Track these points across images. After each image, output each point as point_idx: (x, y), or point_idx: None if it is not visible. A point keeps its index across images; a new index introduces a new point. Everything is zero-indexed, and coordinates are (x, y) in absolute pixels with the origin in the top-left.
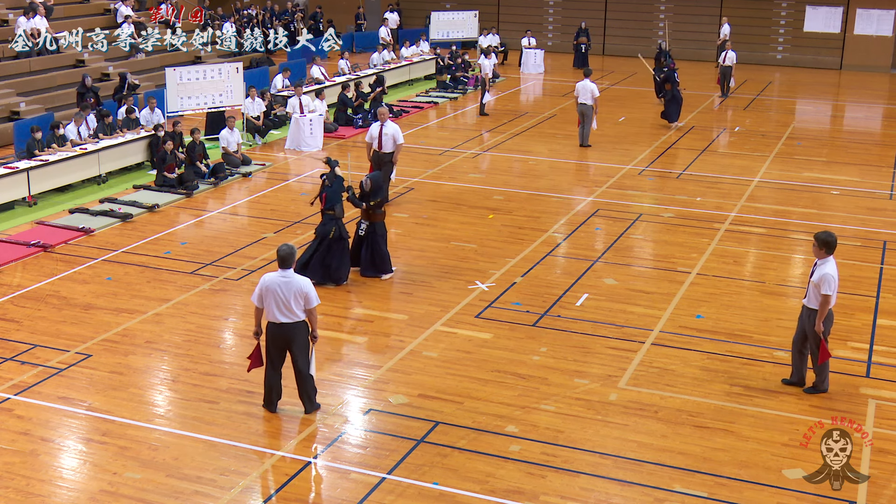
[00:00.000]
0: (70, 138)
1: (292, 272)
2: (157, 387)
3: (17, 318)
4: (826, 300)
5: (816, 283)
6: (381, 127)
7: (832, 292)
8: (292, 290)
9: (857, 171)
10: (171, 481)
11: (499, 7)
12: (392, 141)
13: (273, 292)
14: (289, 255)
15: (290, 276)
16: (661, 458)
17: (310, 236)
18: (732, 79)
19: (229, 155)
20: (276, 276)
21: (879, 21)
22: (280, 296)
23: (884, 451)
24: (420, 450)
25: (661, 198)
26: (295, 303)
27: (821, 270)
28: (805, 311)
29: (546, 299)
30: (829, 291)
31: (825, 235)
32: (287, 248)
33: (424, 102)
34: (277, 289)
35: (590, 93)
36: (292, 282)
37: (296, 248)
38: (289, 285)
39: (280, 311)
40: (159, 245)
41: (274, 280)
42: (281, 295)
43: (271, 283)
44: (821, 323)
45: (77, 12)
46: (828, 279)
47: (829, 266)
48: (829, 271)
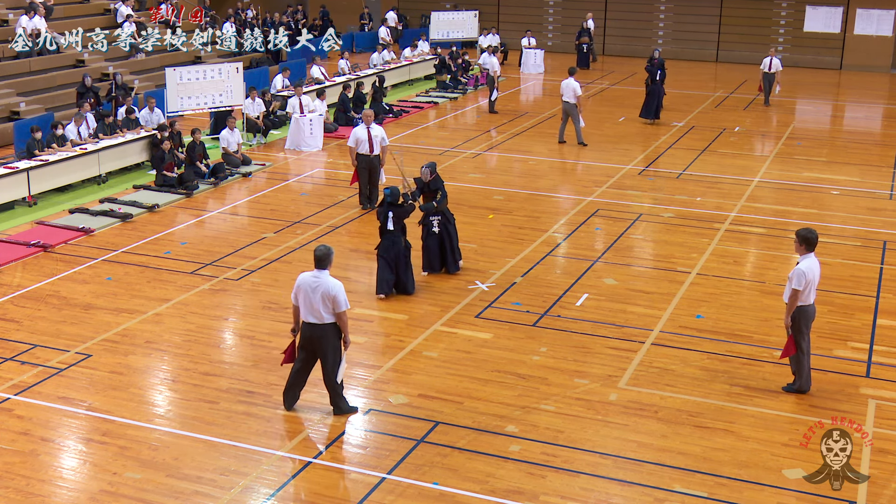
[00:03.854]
0: (70, 138)
1: (325, 273)
2: (157, 387)
3: (17, 318)
4: (795, 294)
5: (791, 276)
6: (368, 129)
7: (801, 287)
8: (320, 292)
9: (857, 171)
10: (171, 481)
11: (499, 7)
12: (380, 143)
13: (304, 292)
14: (324, 255)
15: (321, 278)
16: (661, 458)
17: (310, 236)
18: (778, 85)
19: (229, 155)
20: (309, 275)
21: (879, 21)
22: (309, 297)
23: (884, 451)
24: (420, 450)
25: (661, 198)
26: (322, 305)
27: (796, 266)
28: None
29: (546, 299)
30: (798, 286)
31: (805, 232)
32: (323, 248)
33: (424, 102)
34: (308, 289)
35: (572, 91)
36: (321, 283)
37: (332, 249)
38: (317, 287)
39: (309, 312)
40: (159, 245)
41: (306, 280)
42: (310, 296)
43: (303, 282)
44: (788, 317)
45: (77, 12)
46: (798, 273)
47: (806, 263)
48: (801, 267)
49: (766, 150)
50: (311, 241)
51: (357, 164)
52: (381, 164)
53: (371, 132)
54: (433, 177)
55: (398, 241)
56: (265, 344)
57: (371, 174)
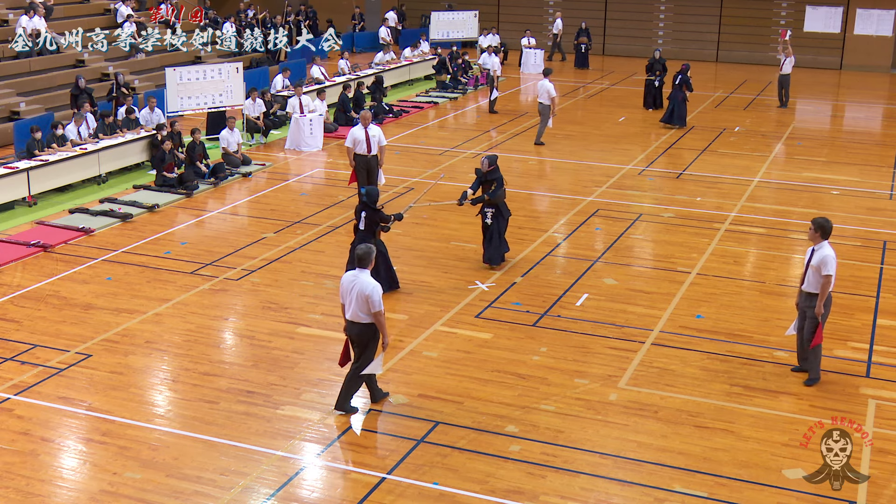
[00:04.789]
0: (70, 138)
1: (365, 273)
2: (157, 387)
3: (17, 318)
4: (828, 281)
5: (816, 265)
6: (365, 130)
7: (833, 272)
8: (355, 291)
9: (857, 171)
10: (171, 481)
11: (499, 7)
12: (377, 143)
13: (344, 291)
14: (365, 254)
15: (358, 277)
16: (661, 458)
17: (310, 236)
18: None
19: (229, 155)
20: (349, 274)
21: (879, 21)
22: (347, 296)
23: (884, 451)
24: (420, 450)
25: (661, 198)
26: (357, 304)
27: (820, 253)
28: (803, 297)
29: (546, 299)
30: (830, 272)
31: (822, 220)
32: (364, 247)
33: (424, 102)
34: (347, 287)
35: (546, 92)
36: (357, 282)
37: (373, 249)
38: (354, 286)
39: (347, 310)
40: (159, 245)
41: (346, 278)
42: (348, 294)
43: (344, 280)
44: (821, 305)
45: (77, 12)
46: (828, 260)
47: (827, 249)
48: (828, 253)
49: (767, 150)
50: (311, 241)
51: (355, 164)
52: (380, 164)
53: (368, 132)
54: (491, 168)
55: (367, 241)
56: (265, 344)
57: (369, 174)
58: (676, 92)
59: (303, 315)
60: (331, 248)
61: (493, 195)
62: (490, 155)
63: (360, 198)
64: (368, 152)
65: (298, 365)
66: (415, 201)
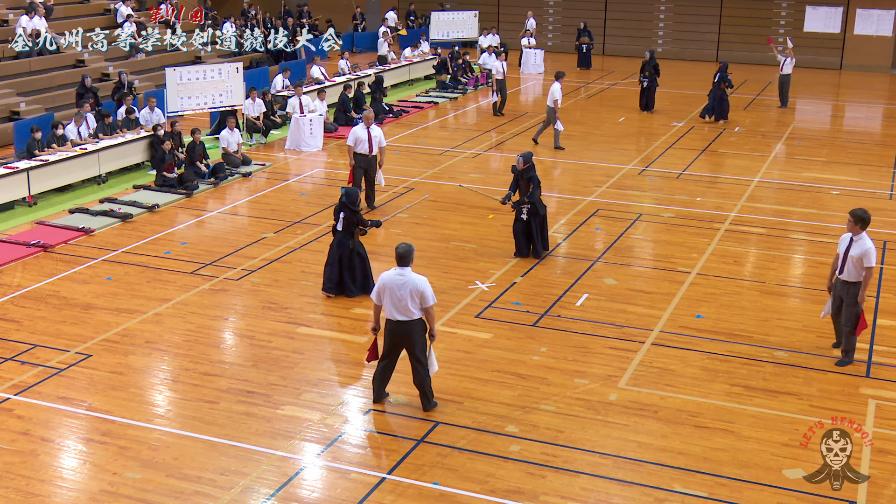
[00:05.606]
0: (70, 138)
1: (409, 270)
2: (157, 387)
3: (17, 318)
4: (870, 273)
5: (858, 257)
6: (367, 130)
7: (874, 264)
8: (408, 289)
9: (857, 171)
10: (171, 481)
11: (499, 7)
12: (378, 144)
13: (390, 290)
14: (407, 252)
15: (406, 275)
16: (661, 458)
17: (311, 235)
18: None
19: (229, 155)
20: (392, 273)
21: (879, 21)
22: (396, 294)
23: (884, 451)
24: (420, 450)
25: (661, 198)
26: (411, 301)
27: (861, 246)
28: (840, 284)
29: (546, 299)
30: (872, 264)
31: (861, 212)
32: (405, 246)
33: (424, 102)
34: (394, 287)
35: (551, 94)
36: (408, 280)
37: (413, 246)
38: (405, 284)
39: (396, 310)
40: (159, 245)
41: (391, 278)
42: (397, 293)
43: (389, 281)
44: (864, 294)
45: (77, 12)
46: (869, 253)
47: (868, 241)
48: (870, 246)
49: (767, 150)
50: (311, 241)
51: (355, 163)
52: (380, 164)
53: (371, 133)
54: (527, 166)
55: (345, 243)
56: (265, 344)
57: (368, 174)
58: (716, 89)
59: (303, 315)
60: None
61: (532, 196)
62: (525, 153)
63: (340, 197)
64: (370, 152)
65: (298, 365)
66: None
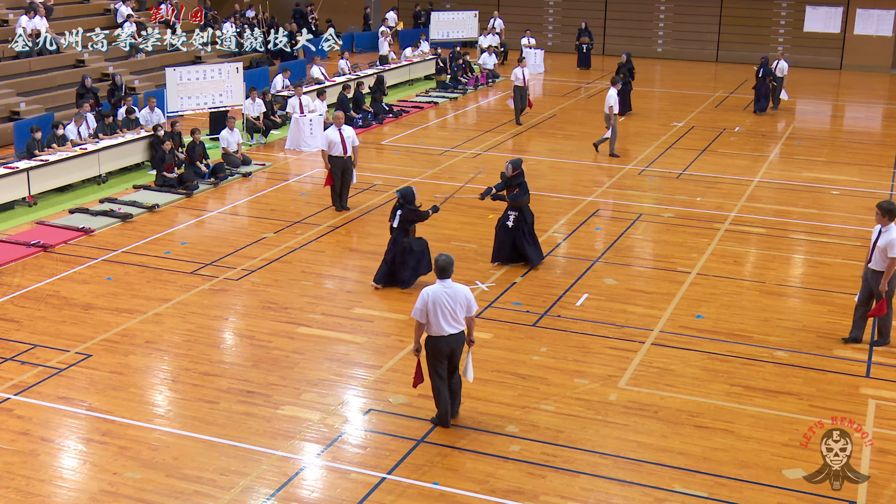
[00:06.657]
0: (70, 138)
1: (451, 281)
2: (157, 387)
3: (17, 318)
4: (892, 263)
5: (883, 247)
6: (339, 131)
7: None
8: (458, 300)
9: (857, 171)
10: (171, 481)
11: (499, 7)
12: (351, 144)
13: (440, 304)
14: (448, 264)
15: (452, 286)
16: (661, 458)
17: (310, 236)
18: (786, 92)
19: (229, 155)
20: (439, 288)
21: (879, 21)
22: (448, 306)
23: (884, 451)
24: (420, 450)
25: (661, 198)
26: (461, 311)
27: (888, 236)
28: (869, 273)
29: (546, 299)
30: (895, 254)
31: (887, 204)
32: (446, 257)
33: (424, 102)
34: (445, 300)
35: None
36: (458, 291)
37: (453, 258)
38: (455, 295)
39: (448, 323)
40: (159, 245)
41: (439, 292)
42: (449, 306)
43: (436, 296)
44: (886, 283)
45: (77, 12)
46: (894, 243)
47: (894, 232)
48: (895, 236)
49: (766, 150)
50: (311, 241)
51: (331, 166)
52: (354, 164)
53: (343, 134)
54: (516, 172)
55: (399, 239)
56: (265, 344)
57: (344, 175)
58: (761, 84)
59: (303, 315)
60: (331, 248)
61: (516, 198)
62: (514, 159)
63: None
64: (344, 153)
65: (298, 365)
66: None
